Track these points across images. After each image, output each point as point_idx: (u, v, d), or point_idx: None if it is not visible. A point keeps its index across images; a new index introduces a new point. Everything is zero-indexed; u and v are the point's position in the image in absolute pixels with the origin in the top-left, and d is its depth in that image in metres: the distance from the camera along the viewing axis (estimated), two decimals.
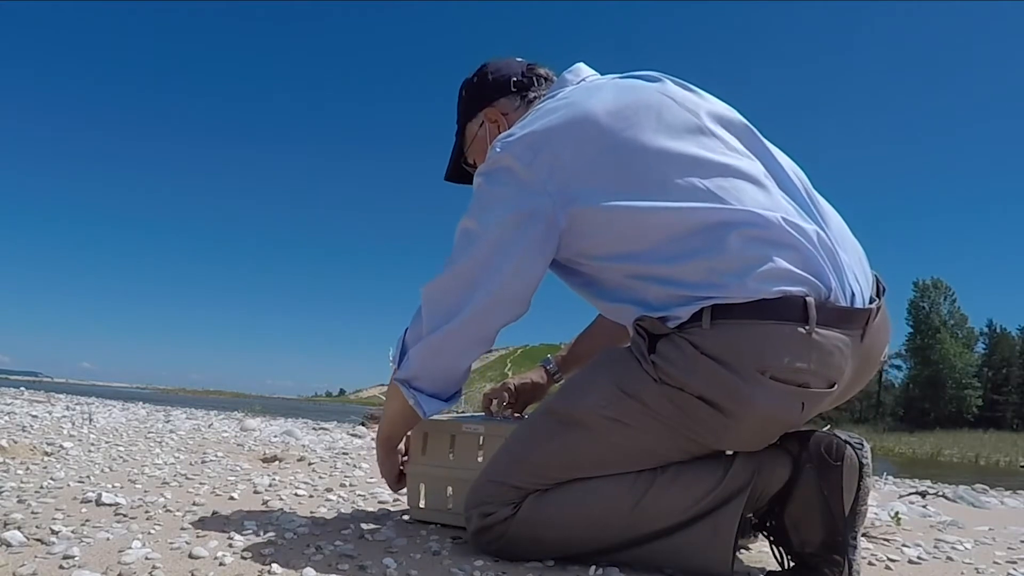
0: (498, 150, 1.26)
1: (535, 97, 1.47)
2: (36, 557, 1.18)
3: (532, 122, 1.27)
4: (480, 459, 1.44)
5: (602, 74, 1.41)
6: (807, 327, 1.11)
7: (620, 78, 1.35)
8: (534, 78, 1.48)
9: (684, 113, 1.27)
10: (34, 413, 4.12)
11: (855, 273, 1.21)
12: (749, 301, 1.12)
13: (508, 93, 1.49)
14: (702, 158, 1.21)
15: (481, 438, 1.47)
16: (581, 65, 1.43)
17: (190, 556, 1.23)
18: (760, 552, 1.44)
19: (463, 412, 1.70)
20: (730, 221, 1.16)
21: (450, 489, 1.48)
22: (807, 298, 1.12)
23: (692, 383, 1.15)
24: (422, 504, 1.53)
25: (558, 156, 1.22)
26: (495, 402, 1.67)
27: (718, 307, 1.14)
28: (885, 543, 1.65)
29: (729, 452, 1.23)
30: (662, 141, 1.22)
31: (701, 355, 1.14)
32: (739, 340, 1.12)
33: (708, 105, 1.31)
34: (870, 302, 1.22)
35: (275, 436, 3.45)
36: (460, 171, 1.57)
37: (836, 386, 1.17)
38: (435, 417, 1.48)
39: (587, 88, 1.33)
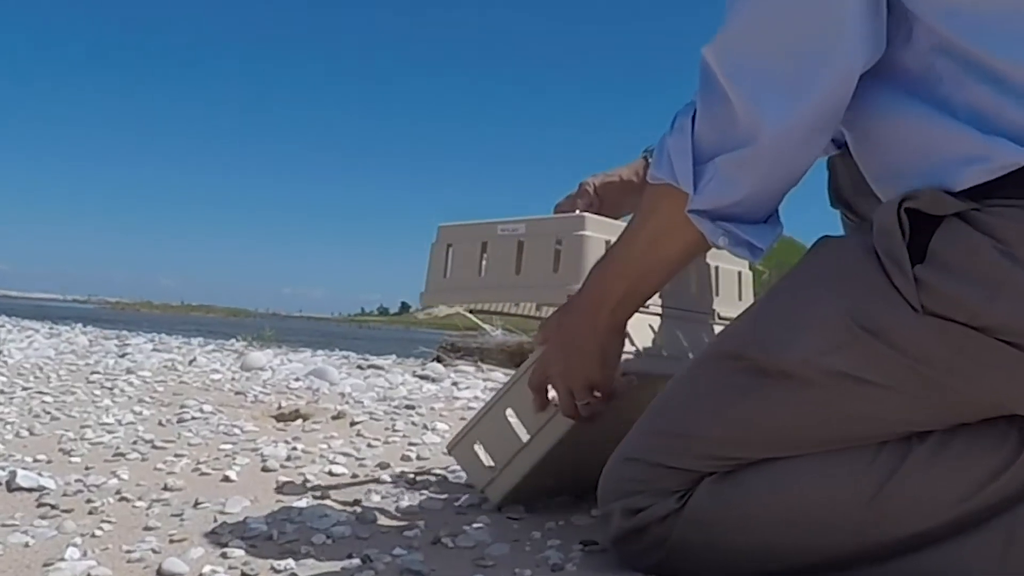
0: None
1: None
2: None
3: None
4: (519, 274, 1.60)
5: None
6: None
7: None
8: None
9: None
10: None
11: None
12: None
13: None
14: None
15: (521, 243, 1.61)
16: None
17: (158, 573, 1.23)
18: None
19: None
20: None
21: (510, 411, 1.58)
22: None
23: (989, 312, 1.08)
24: (486, 459, 1.62)
25: None
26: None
27: None
28: None
29: None
30: None
31: (1013, 264, 1.07)
32: None
33: None
34: None
35: (296, 379, 3.42)
36: None
37: None
38: (456, 224, 1.66)
39: None
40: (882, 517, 1.16)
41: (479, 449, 1.62)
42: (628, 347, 1.49)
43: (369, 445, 2.17)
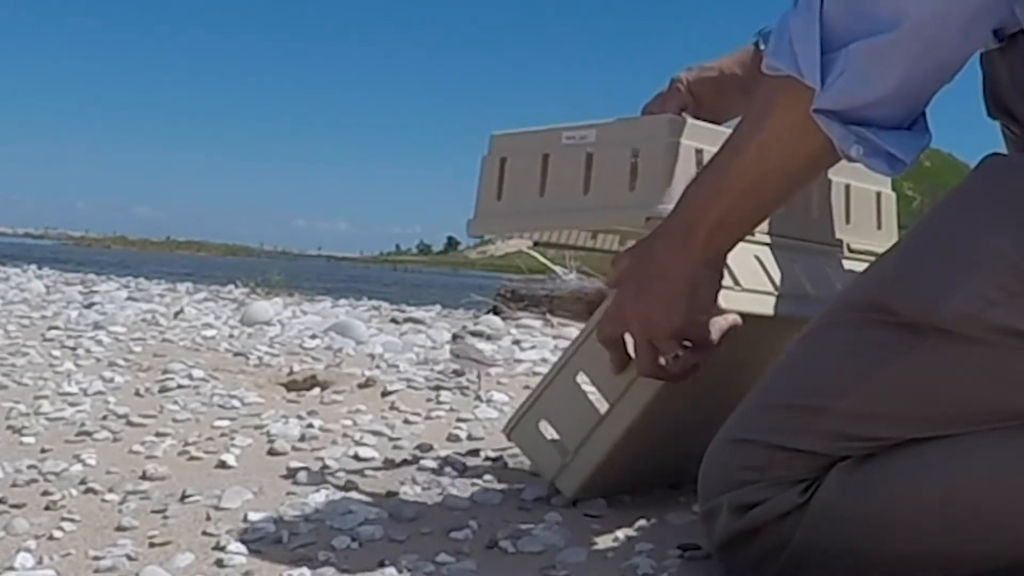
0: None
1: None
2: None
3: None
4: (588, 194, 1.61)
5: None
6: None
7: None
8: None
9: None
10: None
11: None
12: None
13: None
14: None
15: (590, 156, 1.61)
16: None
17: None
18: None
19: None
20: None
21: (582, 376, 1.59)
22: None
23: None
24: (556, 440, 1.61)
25: None
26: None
27: None
28: None
29: None
30: None
31: None
32: None
33: None
34: None
35: (313, 336, 3.45)
36: None
37: None
38: (513, 131, 1.70)
39: None
40: None
41: (545, 428, 1.62)
42: (727, 281, 1.47)
43: (406, 421, 2.18)
